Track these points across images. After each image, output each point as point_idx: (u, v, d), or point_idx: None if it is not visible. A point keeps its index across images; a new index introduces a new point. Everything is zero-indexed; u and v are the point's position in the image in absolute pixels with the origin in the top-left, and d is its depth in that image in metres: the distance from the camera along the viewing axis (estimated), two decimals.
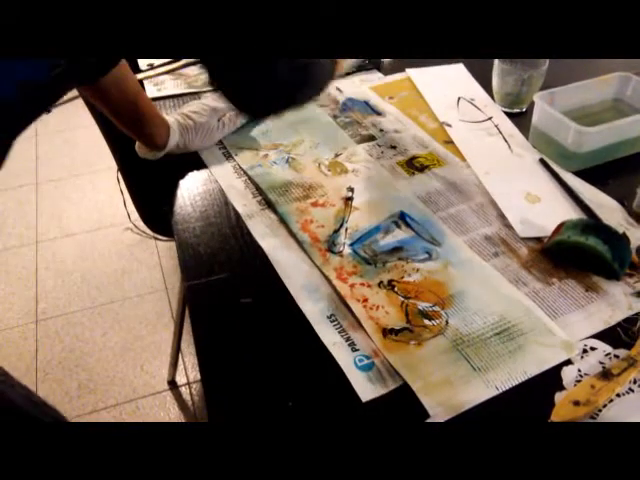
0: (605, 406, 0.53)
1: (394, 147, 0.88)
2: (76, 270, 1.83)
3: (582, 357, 0.58)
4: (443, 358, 0.58)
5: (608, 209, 0.75)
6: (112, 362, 1.55)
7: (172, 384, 1.50)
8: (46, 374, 1.52)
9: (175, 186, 0.82)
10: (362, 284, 0.66)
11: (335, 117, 0.95)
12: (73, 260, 1.87)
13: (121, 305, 1.70)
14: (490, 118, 0.92)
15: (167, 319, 1.65)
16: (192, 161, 0.86)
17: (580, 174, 0.81)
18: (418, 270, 0.68)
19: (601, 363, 0.57)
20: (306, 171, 0.84)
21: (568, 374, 0.56)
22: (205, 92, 0.99)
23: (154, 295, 1.72)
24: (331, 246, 0.71)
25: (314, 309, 0.63)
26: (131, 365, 1.54)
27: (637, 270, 0.66)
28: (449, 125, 0.92)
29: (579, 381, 0.55)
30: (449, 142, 0.89)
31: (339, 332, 0.61)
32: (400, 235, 0.73)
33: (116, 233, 1.95)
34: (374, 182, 0.81)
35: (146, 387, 1.49)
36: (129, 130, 0.80)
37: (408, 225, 0.74)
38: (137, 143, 0.83)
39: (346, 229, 0.73)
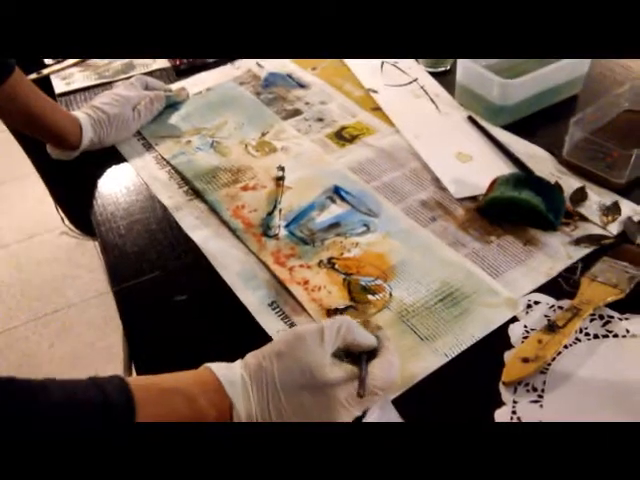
0: (554, 359, 0.53)
1: (321, 120, 0.85)
2: (13, 283, 1.75)
3: (527, 312, 0.57)
4: (389, 332, 0.55)
5: (539, 160, 0.75)
6: (64, 373, 1.48)
7: None
8: None
9: (95, 185, 0.77)
10: (301, 266, 0.63)
11: (258, 94, 0.92)
12: (9, 273, 1.78)
13: (66, 313, 1.64)
14: (415, 80, 0.90)
15: (116, 322, 1.58)
16: (110, 156, 0.81)
17: (509, 128, 0.80)
18: (357, 244, 0.66)
19: (546, 316, 0.57)
20: (233, 154, 0.80)
21: (515, 331, 0.56)
22: (117, 81, 0.94)
23: (99, 299, 1.66)
24: (266, 230, 0.68)
25: (254, 298, 0.60)
26: (84, 374, 1.43)
27: (572, 218, 0.66)
28: (375, 91, 0.90)
29: (526, 337, 0.55)
30: (377, 109, 0.86)
31: (282, 319, 0.58)
32: (336, 210, 0.70)
33: (52, 239, 1.86)
34: (305, 158, 0.78)
35: None
36: (32, 135, 0.74)
37: (343, 199, 0.72)
38: (48, 145, 0.78)
39: (280, 210, 0.70)
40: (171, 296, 0.61)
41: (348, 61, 0.97)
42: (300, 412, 0.45)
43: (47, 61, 1.01)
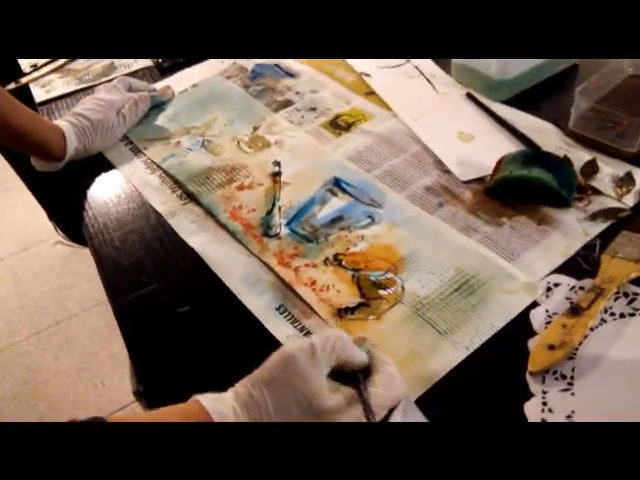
0: (581, 344, 0.50)
1: (314, 109, 0.82)
2: (12, 297, 1.71)
3: (547, 296, 0.55)
4: (405, 328, 0.53)
5: (544, 133, 0.72)
6: (70, 386, 1.47)
7: (138, 394, 1.43)
8: (2, 413, 1.42)
9: (84, 195, 0.74)
10: (307, 265, 0.61)
11: (246, 87, 0.88)
12: (6, 286, 1.75)
13: (67, 324, 1.61)
14: (408, 60, 0.87)
15: (118, 329, 1.56)
16: (97, 164, 0.77)
17: (510, 102, 0.77)
18: (363, 238, 0.63)
19: (568, 299, 0.54)
20: (225, 152, 0.77)
21: (537, 317, 0.53)
22: (98, 85, 0.90)
23: (99, 307, 1.63)
24: (266, 230, 0.65)
25: (259, 303, 0.57)
26: (91, 384, 1.46)
27: (585, 193, 0.64)
28: (368, 75, 0.86)
29: (549, 322, 0.52)
30: (371, 93, 0.83)
31: (291, 323, 0.55)
32: (338, 203, 0.67)
33: (46, 249, 1.83)
34: (300, 151, 0.75)
35: (112, 403, 1.42)
36: (14, 148, 0.71)
37: (344, 191, 0.69)
38: (32, 157, 0.74)
39: (279, 208, 0.67)
40: (173, 308, 0.58)
41: None
42: None
43: (25, 69, 0.97)
